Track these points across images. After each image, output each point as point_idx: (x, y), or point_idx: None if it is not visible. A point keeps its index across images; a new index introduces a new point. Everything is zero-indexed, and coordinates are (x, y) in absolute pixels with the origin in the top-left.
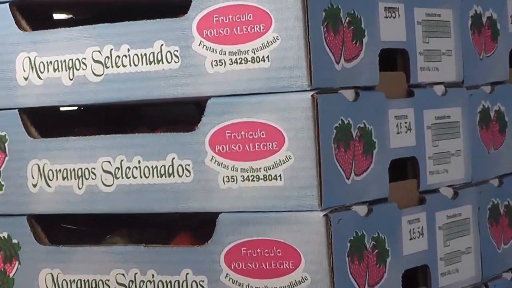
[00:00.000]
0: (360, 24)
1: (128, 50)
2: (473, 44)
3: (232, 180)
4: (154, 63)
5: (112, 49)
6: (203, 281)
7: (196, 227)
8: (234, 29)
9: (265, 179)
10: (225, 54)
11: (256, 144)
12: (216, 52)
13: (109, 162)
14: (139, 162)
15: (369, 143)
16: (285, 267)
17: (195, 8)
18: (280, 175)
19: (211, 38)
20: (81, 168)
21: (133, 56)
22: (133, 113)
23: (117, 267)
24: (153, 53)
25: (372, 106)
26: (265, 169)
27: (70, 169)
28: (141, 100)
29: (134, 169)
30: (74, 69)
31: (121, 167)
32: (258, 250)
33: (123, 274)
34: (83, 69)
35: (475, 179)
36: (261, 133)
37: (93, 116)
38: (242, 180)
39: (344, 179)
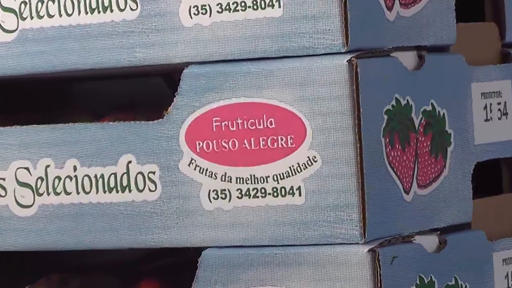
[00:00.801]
0: None
1: None
2: None
3: (223, 196)
4: (98, 12)
5: None
6: None
7: (167, 272)
8: None
9: (275, 194)
10: None
11: (261, 138)
12: None
13: (27, 169)
14: (74, 168)
15: (440, 136)
16: None
17: None
18: (299, 188)
19: None
20: None
21: (64, 1)
22: (64, 92)
23: None
24: None
25: (446, 78)
26: (276, 178)
27: None
28: (77, 71)
29: (67, 180)
30: None
31: (47, 177)
32: None
33: None
34: None
35: None
36: (269, 121)
37: (0, 96)
38: (239, 196)
39: (400, 193)
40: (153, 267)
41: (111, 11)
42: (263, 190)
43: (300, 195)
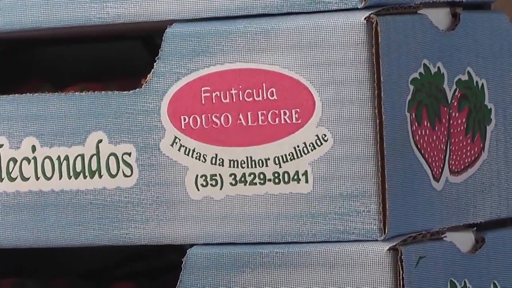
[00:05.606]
0: None
1: None
2: None
3: (214, 183)
4: None
5: None
6: None
7: (145, 274)
8: None
9: (277, 180)
10: None
11: (260, 113)
12: None
13: None
14: (33, 149)
15: (478, 112)
16: None
17: None
18: (305, 173)
19: None
20: None
21: None
22: (20, 57)
23: None
24: None
25: (485, 41)
26: (277, 161)
27: None
28: (37, 31)
29: (24, 162)
30: None
31: None
32: None
33: None
34: None
35: None
36: (270, 91)
37: None
38: (233, 182)
39: (429, 180)
40: (129, 269)
41: None
42: (262, 176)
43: (306, 181)
